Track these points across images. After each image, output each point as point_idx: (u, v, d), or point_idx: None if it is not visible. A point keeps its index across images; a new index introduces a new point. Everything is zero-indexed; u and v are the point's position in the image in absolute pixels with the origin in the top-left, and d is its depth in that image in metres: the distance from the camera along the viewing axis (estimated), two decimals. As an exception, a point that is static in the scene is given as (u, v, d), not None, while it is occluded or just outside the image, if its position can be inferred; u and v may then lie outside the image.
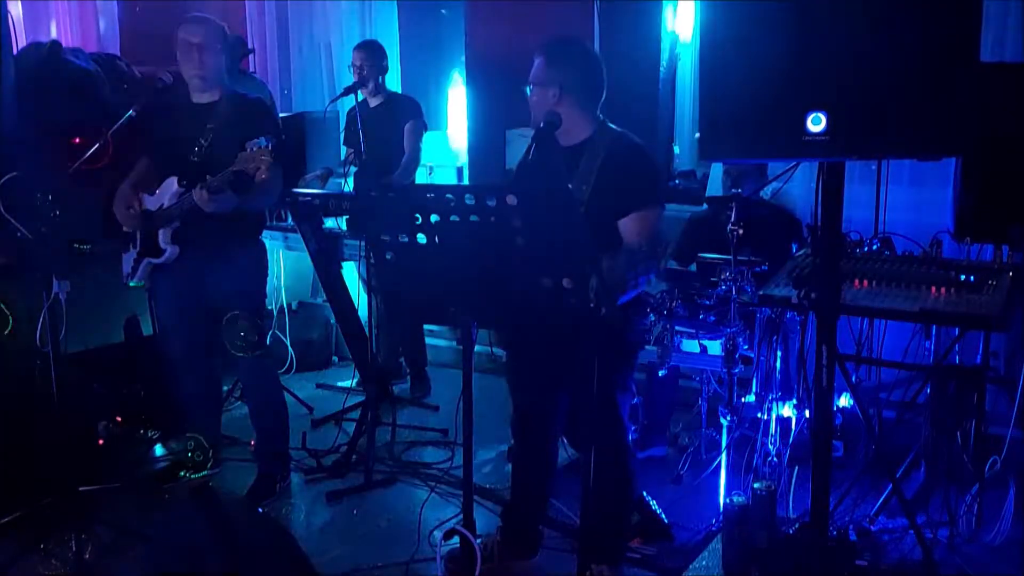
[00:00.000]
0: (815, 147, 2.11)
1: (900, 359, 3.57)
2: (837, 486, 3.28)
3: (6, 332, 3.73)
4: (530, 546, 3.15)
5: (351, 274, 4.92)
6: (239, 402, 4.54)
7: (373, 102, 4.80)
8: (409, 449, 4.18)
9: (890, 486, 3.23)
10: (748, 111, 2.18)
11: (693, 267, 4.14)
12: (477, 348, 2.34)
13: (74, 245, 3.87)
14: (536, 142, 2.58)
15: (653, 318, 3.66)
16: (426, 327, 5.16)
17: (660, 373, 3.78)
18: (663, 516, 3.27)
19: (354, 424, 4.18)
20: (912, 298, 2.87)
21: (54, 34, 5.50)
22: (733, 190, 3.91)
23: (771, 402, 3.51)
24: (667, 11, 5.01)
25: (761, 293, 3.17)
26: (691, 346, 3.61)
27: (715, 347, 3.55)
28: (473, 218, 2.08)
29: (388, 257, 2.24)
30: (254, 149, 3.11)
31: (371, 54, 4.72)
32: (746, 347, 3.58)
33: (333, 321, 5.28)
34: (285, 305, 5.32)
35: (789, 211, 4.17)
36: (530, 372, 3.01)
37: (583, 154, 2.73)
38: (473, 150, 5.49)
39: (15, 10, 5.00)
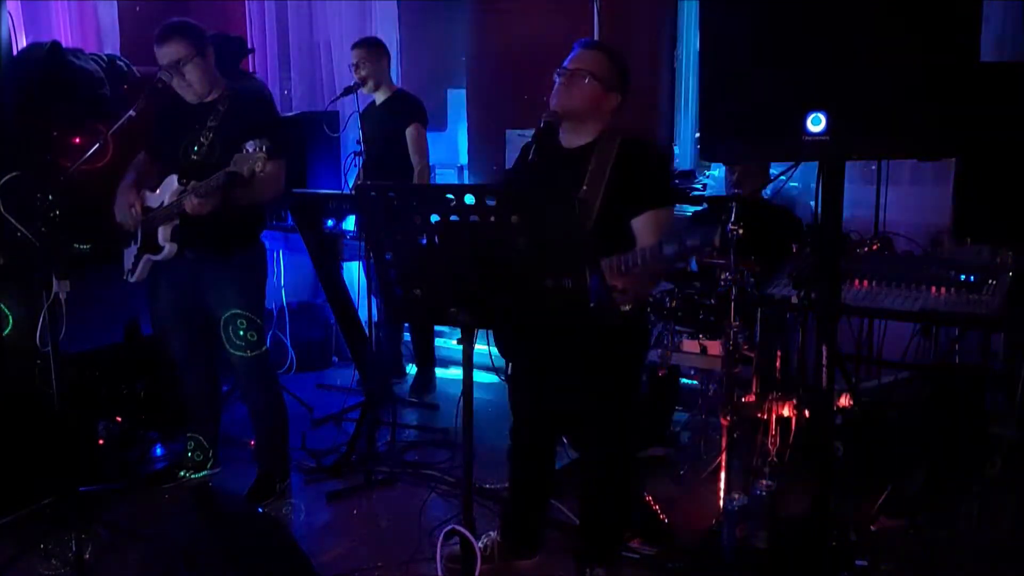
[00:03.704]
0: (815, 147, 2.11)
1: (900, 359, 3.57)
2: (837, 486, 3.28)
3: (6, 332, 3.73)
4: (530, 546, 3.15)
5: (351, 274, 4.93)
6: (239, 402, 4.54)
7: (379, 98, 4.78)
8: (409, 449, 4.18)
9: (890, 486, 3.23)
10: (748, 111, 2.18)
11: (692, 266, 4.15)
12: (477, 349, 2.34)
13: (74, 245, 3.87)
14: (537, 142, 2.57)
15: (653, 318, 3.66)
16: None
17: (660, 373, 3.77)
18: (663, 516, 3.27)
19: (354, 424, 4.18)
20: (912, 298, 2.87)
21: (54, 34, 5.49)
22: (734, 190, 3.92)
23: (771, 402, 3.51)
24: (666, 11, 5.00)
25: (761, 293, 3.17)
26: (691, 346, 3.61)
27: (715, 347, 3.55)
28: (473, 218, 2.08)
29: (388, 257, 2.24)
30: (249, 150, 3.11)
31: (368, 51, 4.69)
32: (746, 347, 3.58)
33: (333, 321, 5.28)
34: (285, 305, 5.32)
35: (789, 211, 4.17)
36: (532, 375, 3.00)
37: (591, 155, 2.71)
38: (473, 150, 5.49)
39: (15, 10, 5.00)
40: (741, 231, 3.38)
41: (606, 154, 2.68)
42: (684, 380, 4.17)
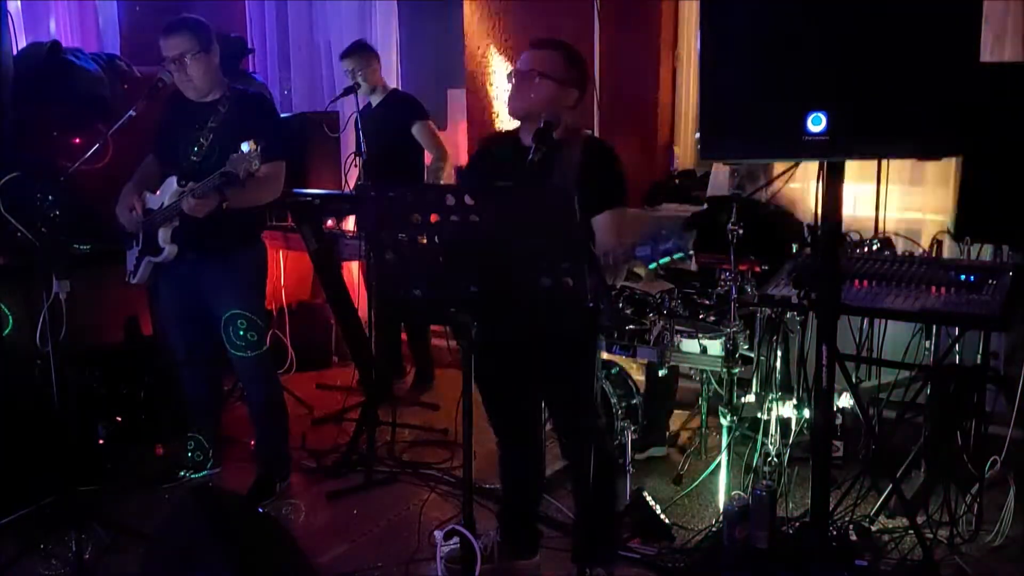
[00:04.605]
0: (815, 147, 2.11)
1: (900, 359, 3.57)
2: (837, 486, 3.28)
3: (6, 332, 3.73)
4: (530, 546, 3.15)
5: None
6: (239, 402, 4.54)
7: (375, 100, 4.81)
8: (409, 449, 4.18)
9: (890, 486, 3.23)
10: (748, 111, 2.19)
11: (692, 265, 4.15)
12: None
13: (74, 245, 3.87)
14: (536, 142, 2.57)
15: (653, 316, 3.66)
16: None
17: (660, 373, 3.77)
18: (663, 516, 3.27)
19: (354, 424, 4.18)
20: (912, 298, 2.87)
21: (54, 34, 5.49)
22: (734, 191, 3.92)
23: (771, 402, 3.51)
24: (666, 11, 5.00)
25: (761, 293, 3.17)
26: (691, 346, 3.61)
27: (715, 347, 3.55)
28: (473, 218, 2.08)
29: (387, 257, 2.24)
30: (245, 151, 3.11)
31: (359, 59, 4.73)
32: (746, 347, 3.58)
33: (333, 321, 5.28)
34: (285, 305, 5.32)
35: (789, 211, 4.17)
36: (515, 372, 2.99)
37: (556, 153, 2.71)
38: (473, 150, 5.47)
39: (15, 10, 5.00)
40: (741, 231, 3.39)
41: (571, 152, 2.70)
42: (684, 380, 4.17)
